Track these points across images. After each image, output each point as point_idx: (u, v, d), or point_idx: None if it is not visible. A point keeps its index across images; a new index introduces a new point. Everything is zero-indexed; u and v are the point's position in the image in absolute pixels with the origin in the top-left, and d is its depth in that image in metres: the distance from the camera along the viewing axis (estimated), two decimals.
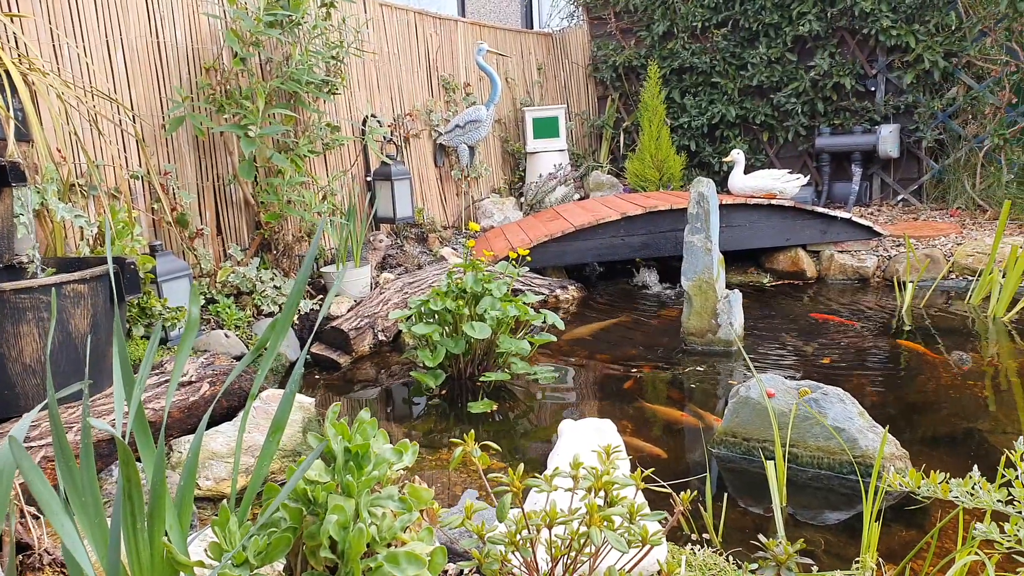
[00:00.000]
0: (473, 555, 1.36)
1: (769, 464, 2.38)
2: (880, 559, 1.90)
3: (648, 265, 5.84)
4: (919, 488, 1.27)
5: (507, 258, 4.86)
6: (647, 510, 1.43)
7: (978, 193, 5.97)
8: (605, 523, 1.31)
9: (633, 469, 2.19)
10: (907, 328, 4.35)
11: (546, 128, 7.06)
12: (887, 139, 6.25)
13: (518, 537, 1.33)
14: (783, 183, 5.43)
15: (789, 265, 5.58)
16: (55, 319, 2.07)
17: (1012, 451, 1.33)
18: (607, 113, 7.87)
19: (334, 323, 4.25)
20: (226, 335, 3.84)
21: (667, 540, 1.96)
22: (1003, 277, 4.39)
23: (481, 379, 3.53)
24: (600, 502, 1.47)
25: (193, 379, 2.77)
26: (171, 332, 3.67)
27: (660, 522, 1.44)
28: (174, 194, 4.10)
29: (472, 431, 3.28)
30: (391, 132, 5.66)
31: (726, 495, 2.43)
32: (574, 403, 3.53)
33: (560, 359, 4.06)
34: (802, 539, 1.74)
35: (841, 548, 2.28)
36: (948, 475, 1.51)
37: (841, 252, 5.54)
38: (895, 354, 3.96)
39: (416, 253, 5.62)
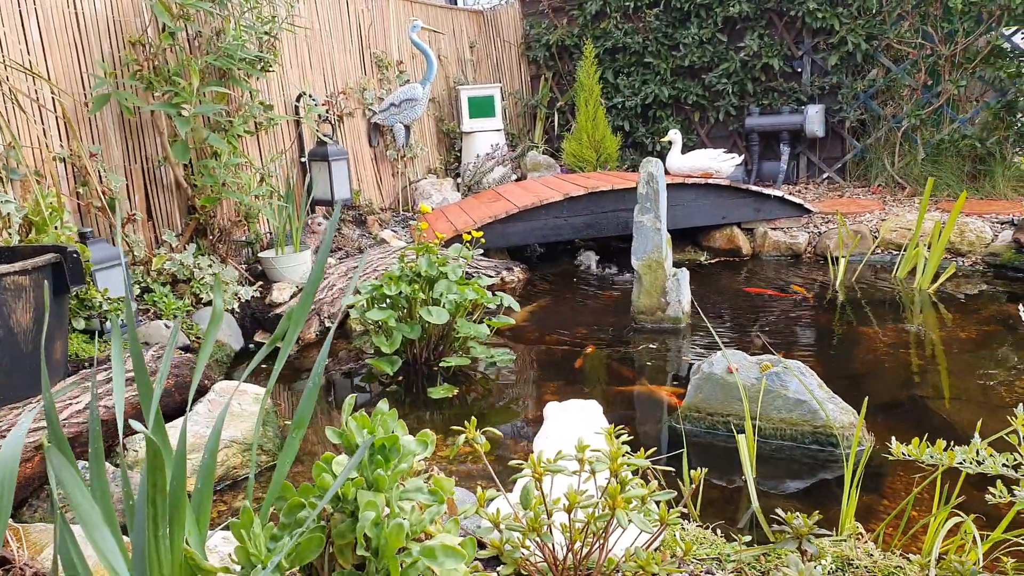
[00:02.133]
0: (492, 544, 1.33)
1: (740, 438, 2.43)
2: (857, 524, 1.97)
3: (589, 246, 5.89)
4: (923, 456, 1.32)
5: (459, 240, 4.80)
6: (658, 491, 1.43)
7: (897, 171, 6.26)
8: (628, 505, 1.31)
9: None
10: (836, 301, 4.52)
11: (482, 107, 6.99)
12: (813, 119, 6.46)
13: (541, 523, 1.31)
14: (719, 163, 5.54)
15: (725, 243, 5.72)
16: None
17: (960, 425, 1.39)
18: (541, 93, 7.85)
19: (278, 310, 4.11)
20: (166, 325, 3.67)
21: None
22: (927, 251, 4.62)
23: (440, 364, 3.48)
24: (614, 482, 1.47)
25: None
26: (107, 324, 3.47)
27: (671, 501, 1.45)
28: (101, 177, 3.86)
29: (437, 417, 3.24)
30: (326, 111, 5.49)
31: (694, 470, 2.48)
32: (535, 385, 3.53)
33: (512, 341, 4.05)
34: (817, 514, 1.78)
35: (813, 515, 2.36)
36: (919, 441, 1.57)
37: (774, 229, 5.71)
38: (832, 326, 4.12)
39: (356, 236, 5.49)
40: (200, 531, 1.06)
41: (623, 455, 1.42)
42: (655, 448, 2.48)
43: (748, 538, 1.84)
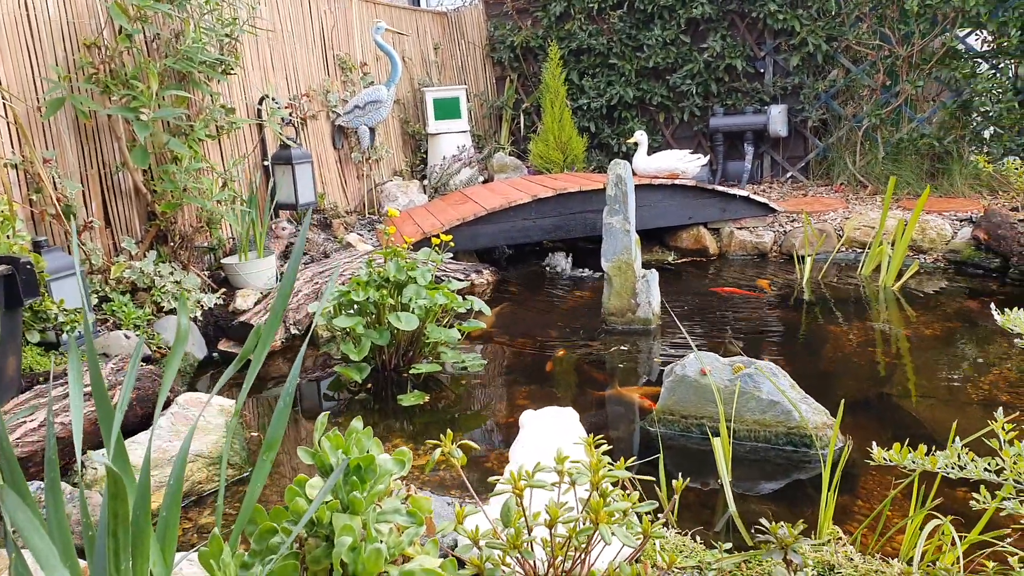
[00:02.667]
0: (472, 562, 1.29)
1: (716, 441, 2.42)
2: (835, 526, 1.97)
3: (557, 248, 5.87)
4: (905, 461, 1.31)
5: (428, 243, 4.74)
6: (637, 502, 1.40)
7: (859, 170, 6.35)
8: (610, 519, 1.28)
9: None
10: (804, 300, 4.56)
11: (447, 109, 6.94)
12: (776, 119, 6.53)
13: (522, 539, 1.28)
14: (685, 163, 5.57)
15: (692, 243, 5.75)
16: None
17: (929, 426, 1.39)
18: (506, 94, 7.82)
19: (242, 318, 4.02)
20: (126, 336, 3.56)
21: None
22: (891, 249, 4.69)
23: (411, 371, 3.43)
24: (595, 496, 1.44)
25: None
26: (63, 337, 3.35)
27: (654, 512, 1.42)
28: (55, 183, 3.74)
29: (409, 426, 3.19)
30: (289, 114, 5.40)
31: (676, 480, 2.47)
32: (507, 390, 3.49)
33: (481, 345, 4.01)
34: (802, 523, 1.76)
35: (788, 517, 2.35)
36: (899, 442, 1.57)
37: (740, 229, 5.75)
38: (800, 325, 4.15)
39: (321, 240, 5.40)
40: (165, 561, 1.01)
41: (605, 467, 1.39)
42: (633, 456, 2.47)
43: (728, 545, 1.83)
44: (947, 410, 3.03)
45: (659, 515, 1.47)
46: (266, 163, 5.30)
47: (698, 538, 1.94)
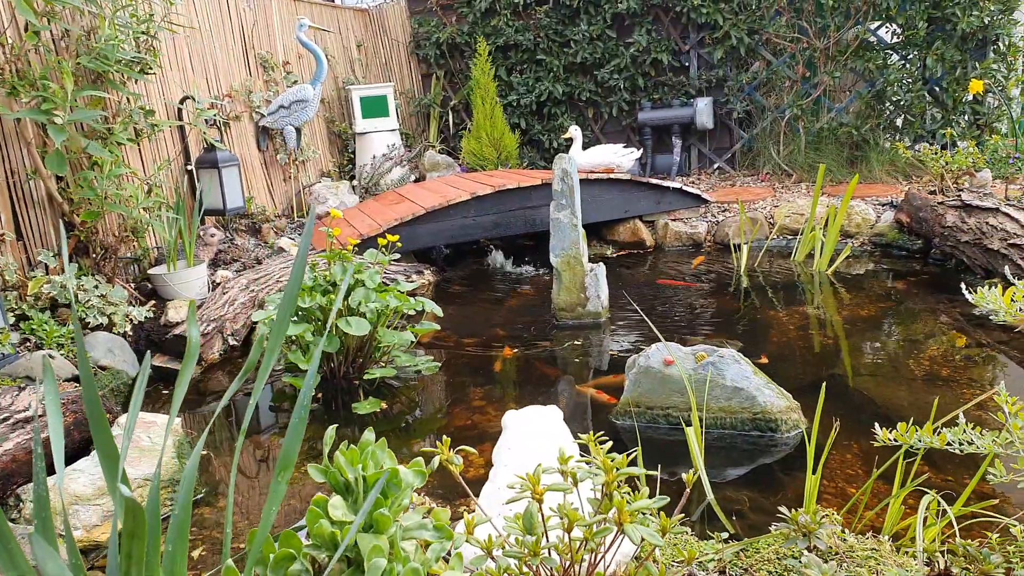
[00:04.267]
0: (489, 572, 1.22)
1: (689, 430, 2.41)
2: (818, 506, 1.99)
3: (497, 245, 5.82)
4: (912, 440, 1.32)
5: (369, 245, 4.60)
6: (647, 499, 1.36)
7: (783, 159, 6.54)
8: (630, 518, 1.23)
9: None
10: (743, 287, 4.66)
11: (375, 107, 6.78)
12: (703, 111, 6.65)
13: (541, 547, 1.22)
14: (620, 157, 5.60)
15: (629, 236, 5.79)
16: None
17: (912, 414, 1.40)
18: (433, 91, 7.71)
19: (177, 330, 3.80)
20: (50, 355, 3.30)
21: None
22: (823, 235, 4.83)
23: (364, 376, 3.31)
24: (597, 495, 1.39)
25: (40, 412, 2.33)
26: None
27: (665, 508, 1.39)
28: None
29: (368, 433, 3.07)
30: (215, 115, 5.15)
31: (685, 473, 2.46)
32: (464, 392, 3.41)
33: (430, 348, 3.92)
34: (796, 511, 1.75)
35: (762, 502, 2.38)
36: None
37: (674, 220, 5.83)
38: (743, 312, 4.22)
39: (251, 246, 5.19)
40: None
41: (617, 465, 1.34)
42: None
43: (726, 535, 1.81)
44: (895, 387, 3.13)
45: (672, 511, 1.43)
46: (190, 167, 5.05)
47: (689, 530, 1.92)
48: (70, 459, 2.48)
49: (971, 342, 3.51)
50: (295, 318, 3.43)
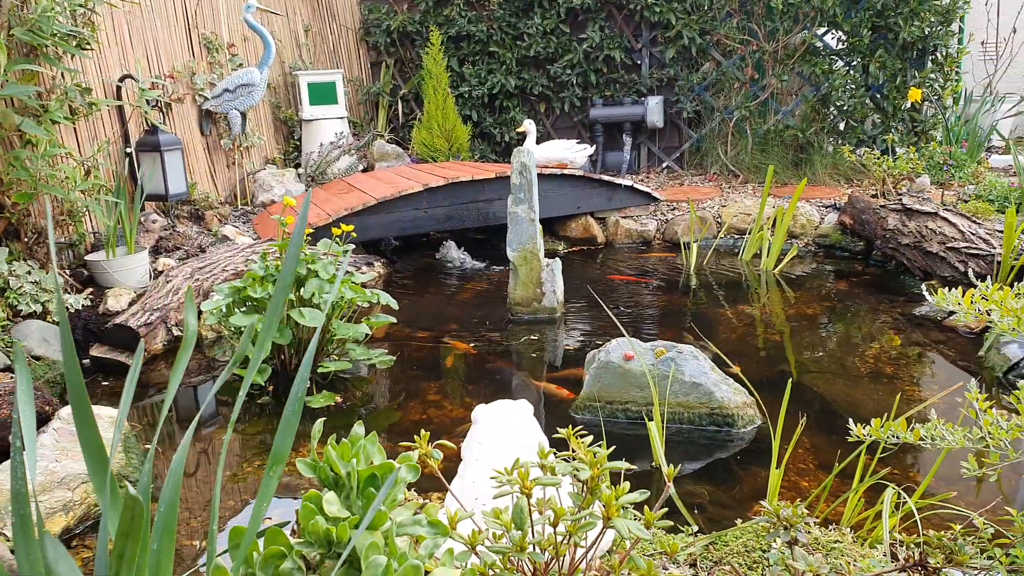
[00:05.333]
0: (476, 570, 1.20)
1: (651, 425, 2.43)
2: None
3: (447, 239, 5.76)
4: (885, 436, 1.35)
5: (318, 235, 4.49)
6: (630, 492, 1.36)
7: (730, 160, 6.66)
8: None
9: None
10: (693, 285, 4.72)
11: (323, 94, 6.63)
12: (653, 110, 6.72)
13: (527, 541, 1.20)
14: (574, 153, 5.61)
15: (581, 232, 5.82)
16: None
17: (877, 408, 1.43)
18: (383, 80, 7.58)
19: (117, 320, 3.64)
20: None
21: None
22: (771, 235, 4.94)
23: (318, 370, 3.23)
24: (574, 489, 1.38)
25: None
26: None
27: (646, 503, 1.39)
28: None
29: (323, 428, 3.00)
30: (158, 96, 4.95)
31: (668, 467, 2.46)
32: (419, 385, 3.36)
33: (384, 342, 3.85)
34: (735, 499, 1.76)
35: (721, 496, 2.41)
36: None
37: (625, 218, 5.88)
38: (693, 310, 4.28)
39: (194, 234, 5.01)
40: None
41: (599, 461, 1.33)
42: (555, 448, 2.40)
43: (695, 528, 1.82)
44: (842, 384, 3.22)
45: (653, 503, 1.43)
46: (129, 150, 4.84)
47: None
48: (4, 454, 2.35)
49: (911, 342, 3.63)
50: (244, 309, 3.34)
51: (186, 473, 2.70)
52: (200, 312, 3.92)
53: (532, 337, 3.80)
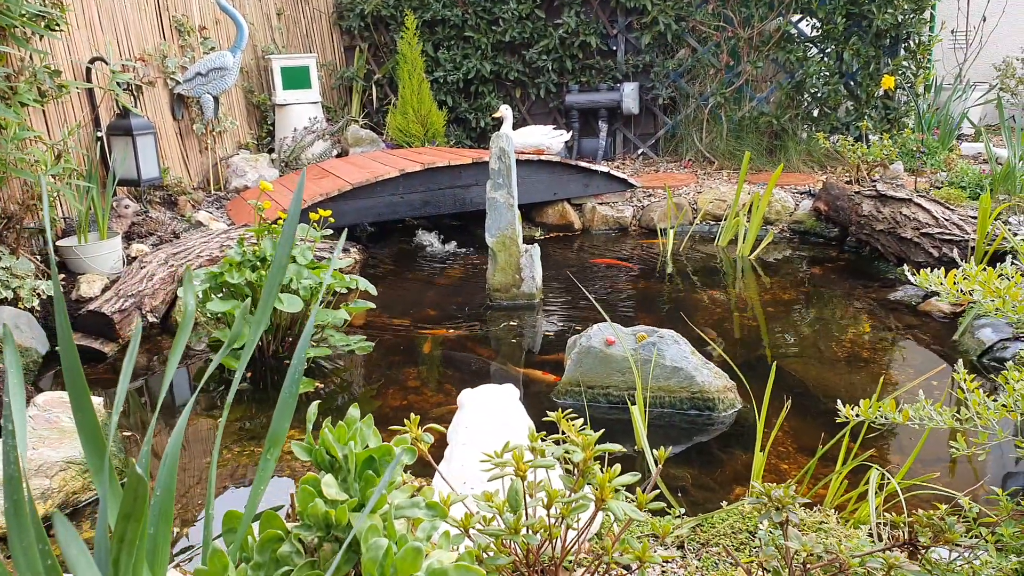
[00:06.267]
0: (471, 552, 1.19)
1: (633, 409, 2.44)
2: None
3: (423, 225, 5.73)
4: (874, 417, 1.36)
5: (302, 219, 4.44)
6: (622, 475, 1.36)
7: (705, 146, 6.69)
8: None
9: None
10: (670, 271, 4.75)
11: (296, 78, 6.54)
12: (629, 96, 6.72)
13: (521, 523, 1.20)
14: (550, 139, 5.60)
15: (558, 218, 5.81)
16: None
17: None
18: (356, 65, 7.49)
19: (91, 306, 3.57)
20: None
21: None
22: (747, 221, 4.97)
23: None
24: (562, 472, 1.38)
25: None
26: None
27: (638, 484, 1.39)
28: None
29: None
30: (130, 79, 4.84)
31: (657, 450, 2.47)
32: (399, 372, 3.34)
33: (362, 328, 3.83)
34: (717, 482, 1.78)
35: (704, 479, 2.43)
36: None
37: (602, 204, 5.88)
38: (671, 295, 4.31)
39: (167, 219, 4.93)
40: None
41: (590, 443, 1.33)
42: (543, 431, 2.41)
43: (682, 511, 1.84)
44: (820, 368, 3.26)
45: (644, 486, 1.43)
46: (100, 134, 4.74)
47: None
48: None
49: (886, 326, 3.69)
50: (221, 295, 3.29)
51: (159, 455, 2.66)
52: (176, 298, 3.88)
53: (511, 323, 3.80)
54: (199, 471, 2.58)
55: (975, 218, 4.08)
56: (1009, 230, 3.94)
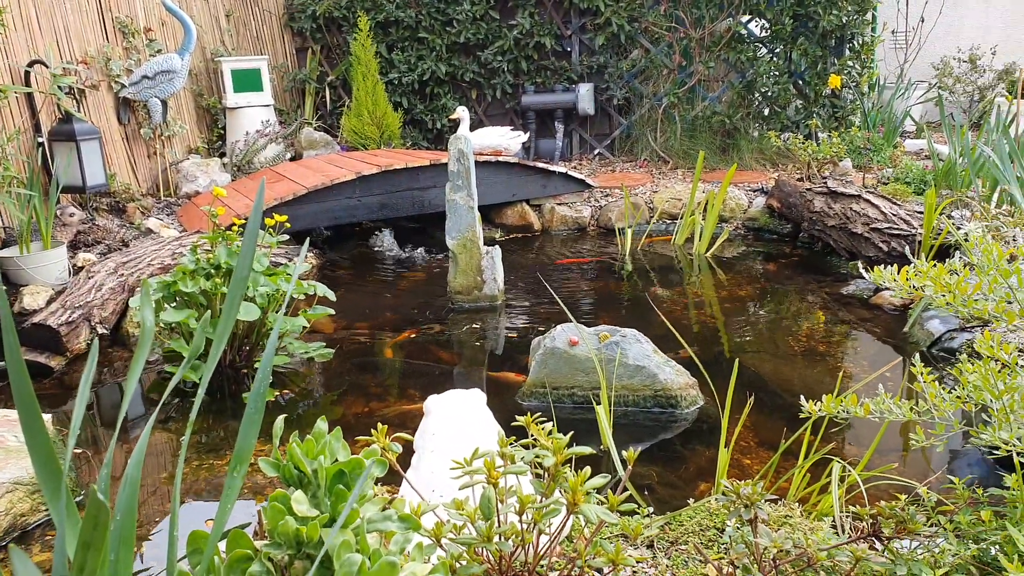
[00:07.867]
0: (445, 563, 1.18)
1: (599, 408, 2.44)
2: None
3: (380, 228, 5.67)
4: (836, 412, 1.39)
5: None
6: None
7: (659, 146, 6.76)
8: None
9: None
10: (629, 270, 4.78)
11: (248, 81, 6.42)
12: (584, 97, 6.75)
13: (494, 531, 1.19)
14: (508, 140, 5.59)
15: (517, 219, 5.81)
16: None
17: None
18: (309, 67, 7.39)
19: (35, 319, 3.45)
20: None
21: None
22: (703, 219, 5.04)
23: (255, 364, 3.13)
24: (532, 477, 1.38)
25: None
26: None
27: (606, 485, 1.39)
28: None
29: (263, 424, 2.92)
30: (73, 83, 4.69)
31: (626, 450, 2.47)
32: (360, 378, 3.30)
33: (321, 334, 3.77)
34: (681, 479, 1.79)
35: (669, 476, 2.45)
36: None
37: (560, 205, 5.90)
38: (630, 293, 4.34)
39: (115, 227, 4.78)
40: None
41: (560, 447, 1.33)
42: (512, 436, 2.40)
43: (650, 509, 1.85)
44: (777, 362, 3.32)
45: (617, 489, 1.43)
46: (41, 140, 4.59)
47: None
48: None
49: (840, 320, 3.77)
50: (175, 304, 3.21)
51: (115, 476, 2.58)
52: (127, 308, 3.77)
53: (474, 325, 3.78)
54: (154, 485, 2.51)
55: (921, 213, 4.20)
56: (953, 224, 4.06)
